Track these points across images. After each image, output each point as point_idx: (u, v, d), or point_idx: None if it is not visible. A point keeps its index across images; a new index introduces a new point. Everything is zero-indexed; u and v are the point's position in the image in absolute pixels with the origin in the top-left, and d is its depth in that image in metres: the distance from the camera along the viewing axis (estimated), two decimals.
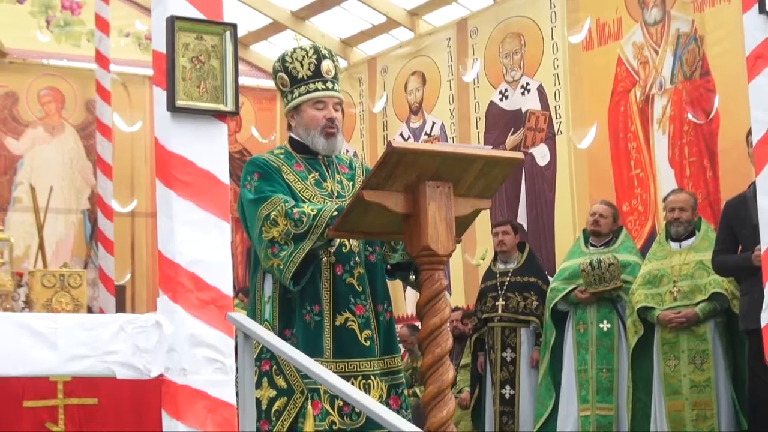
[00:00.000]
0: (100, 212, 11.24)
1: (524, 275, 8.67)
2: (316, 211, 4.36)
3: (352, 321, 4.51)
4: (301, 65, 4.66)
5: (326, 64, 4.68)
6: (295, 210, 4.38)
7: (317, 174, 4.67)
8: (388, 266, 4.77)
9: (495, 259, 8.94)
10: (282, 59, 4.71)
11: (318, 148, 4.67)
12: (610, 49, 9.38)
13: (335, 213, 4.31)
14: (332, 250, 4.51)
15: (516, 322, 8.58)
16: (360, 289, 4.56)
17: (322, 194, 4.61)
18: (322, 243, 4.39)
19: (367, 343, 4.52)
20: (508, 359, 8.57)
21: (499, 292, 8.67)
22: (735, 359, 7.31)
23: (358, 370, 4.49)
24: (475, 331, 8.92)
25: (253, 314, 4.58)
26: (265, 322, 4.50)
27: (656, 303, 7.47)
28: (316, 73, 4.66)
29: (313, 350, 4.36)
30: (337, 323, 4.49)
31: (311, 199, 4.55)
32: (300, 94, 4.67)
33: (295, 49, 4.70)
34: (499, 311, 8.63)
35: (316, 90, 4.66)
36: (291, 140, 4.76)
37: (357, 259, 4.58)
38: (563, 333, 8.18)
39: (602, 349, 7.94)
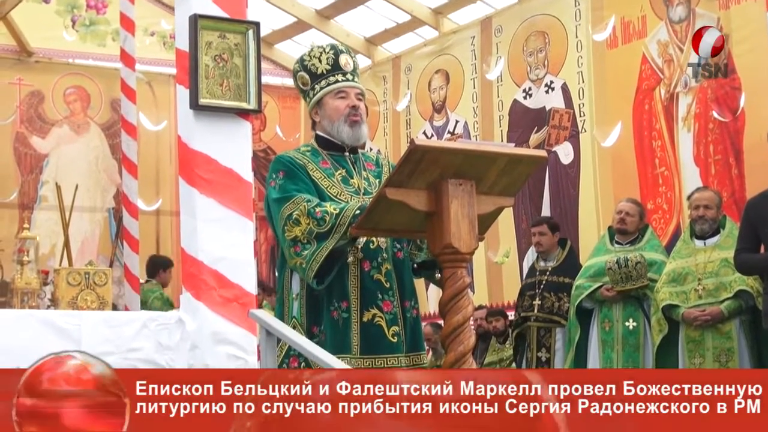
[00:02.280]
0: (125, 210, 11.24)
1: (560, 275, 8.63)
2: (338, 209, 4.37)
3: (380, 317, 4.50)
4: (320, 61, 4.68)
5: (344, 58, 4.71)
6: (318, 209, 4.38)
7: (344, 171, 4.67)
8: (415, 265, 4.78)
9: (537, 257, 8.92)
10: (300, 60, 4.74)
11: (343, 137, 4.67)
12: (635, 47, 9.34)
13: (358, 211, 4.31)
14: (359, 246, 4.51)
15: (551, 323, 8.56)
16: (388, 285, 4.56)
17: (349, 191, 4.60)
18: (346, 241, 4.39)
19: (395, 340, 4.52)
20: (543, 359, 8.55)
21: (537, 291, 8.65)
22: (760, 357, 7.28)
23: (386, 366, 4.49)
24: (516, 327, 8.87)
25: (281, 311, 4.57)
26: (293, 320, 4.50)
27: (681, 301, 7.44)
28: (335, 67, 4.68)
29: (341, 347, 4.37)
30: (365, 319, 4.49)
31: (338, 196, 4.55)
32: (321, 88, 4.68)
33: (312, 48, 4.73)
34: (535, 311, 8.61)
35: (337, 81, 4.68)
36: (317, 137, 4.77)
37: (384, 255, 4.58)
38: (588, 330, 8.16)
39: (628, 347, 7.92)
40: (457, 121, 11.16)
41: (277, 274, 4.78)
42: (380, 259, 4.56)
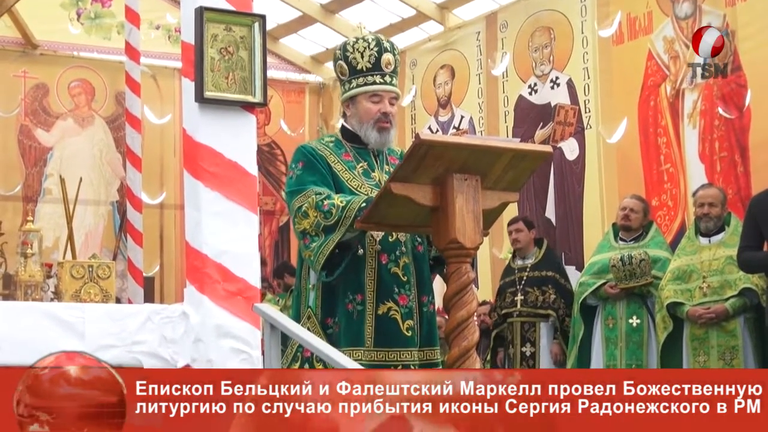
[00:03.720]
0: (129, 204, 11.27)
1: (542, 270, 8.65)
2: (345, 202, 4.36)
3: (395, 311, 4.49)
4: (362, 56, 4.63)
5: (387, 57, 4.65)
6: (326, 202, 4.38)
7: (366, 164, 4.66)
8: (431, 261, 4.76)
9: (514, 256, 8.93)
10: (343, 48, 4.68)
11: (370, 141, 4.65)
12: (641, 43, 9.33)
13: (364, 204, 4.31)
14: (378, 239, 4.51)
15: (535, 317, 8.58)
16: (405, 279, 4.54)
17: (370, 184, 4.59)
18: (354, 234, 4.38)
19: (409, 334, 4.50)
20: (528, 354, 8.56)
21: (518, 287, 8.66)
22: (765, 355, 7.27)
23: (398, 359, 4.47)
24: (495, 327, 8.90)
25: (298, 301, 4.58)
26: (308, 309, 4.49)
27: (686, 298, 7.44)
28: (376, 66, 4.63)
29: (354, 339, 4.38)
30: (380, 312, 4.48)
31: (358, 189, 4.54)
32: (357, 86, 4.65)
33: (357, 39, 4.67)
34: (518, 306, 8.62)
35: (374, 83, 4.63)
36: (343, 129, 4.76)
37: (403, 248, 4.56)
38: (591, 327, 8.15)
39: (632, 344, 7.91)
40: (462, 117, 11.15)
41: (297, 263, 4.76)
42: (398, 253, 4.55)
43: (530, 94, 10.40)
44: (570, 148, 9.89)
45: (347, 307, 4.46)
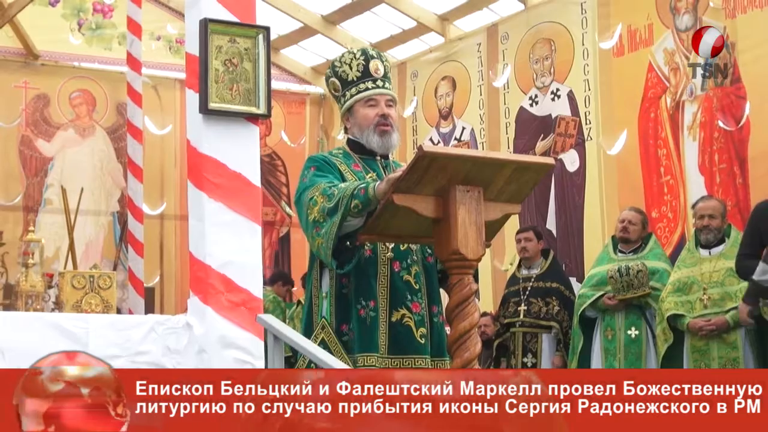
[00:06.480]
0: (130, 214, 11.28)
1: (547, 281, 8.65)
2: (345, 185, 4.38)
3: (409, 318, 4.50)
4: (350, 67, 4.68)
5: (374, 64, 4.69)
6: (332, 188, 4.39)
7: (374, 174, 4.67)
8: (438, 274, 4.77)
9: (519, 265, 8.94)
10: (332, 65, 4.74)
11: (373, 146, 4.67)
12: (641, 55, 9.35)
13: (362, 185, 4.31)
14: (390, 246, 4.52)
15: (538, 328, 8.58)
16: (417, 287, 4.55)
17: None
18: (356, 219, 4.35)
19: (423, 341, 4.51)
20: (529, 364, 8.56)
21: (522, 297, 8.66)
22: (766, 366, 7.27)
23: (413, 366, 4.49)
24: (498, 337, 8.91)
25: (309, 311, 4.57)
26: (322, 319, 4.49)
27: (686, 310, 7.44)
28: (365, 73, 4.67)
29: (368, 346, 4.38)
30: (393, 319, 4.48)
31: None
32: (351, 96, 4.68)
33: (343, 54, 4.73)
34: (521, 316, 8.62)
35: (367, 89, 4.67)
36: (349, 141, 4.79)
37: (414, 257, 4.58)
38: (591, 339, 8.16)
39: (630, 356, 7.92)
40: (463, 128, 11.17)
41: (306, 273, 4.76)
42: (410, 261, 4.57)
43: (531, 105, 10.42)
44: (570, 160, 9.91)
45: (360, 313, 4.46)
